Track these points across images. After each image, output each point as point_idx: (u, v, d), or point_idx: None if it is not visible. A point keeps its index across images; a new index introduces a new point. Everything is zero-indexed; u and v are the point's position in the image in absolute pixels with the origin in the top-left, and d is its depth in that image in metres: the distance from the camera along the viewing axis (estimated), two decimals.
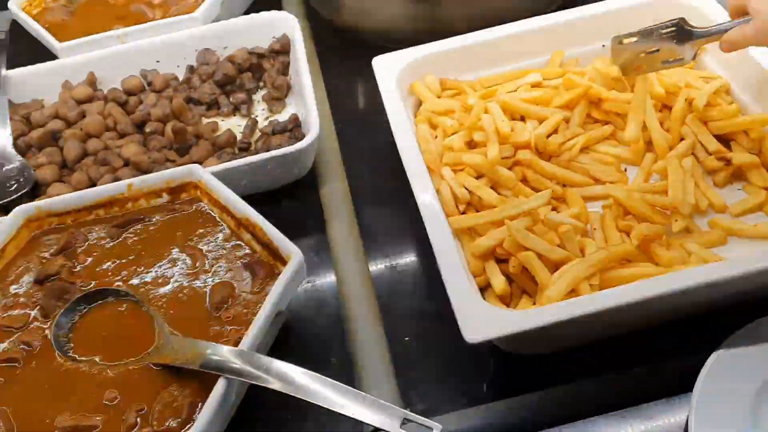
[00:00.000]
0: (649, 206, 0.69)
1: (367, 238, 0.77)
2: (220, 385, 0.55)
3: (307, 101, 0.83)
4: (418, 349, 0.68)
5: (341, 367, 0.67)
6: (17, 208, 0.72)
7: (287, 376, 0.54)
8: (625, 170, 0.76)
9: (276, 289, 0.62)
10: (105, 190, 0.74)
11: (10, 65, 0.97)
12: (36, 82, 0.96)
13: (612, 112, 0.79)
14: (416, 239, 0.76)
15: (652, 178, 0.74)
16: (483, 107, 0.77)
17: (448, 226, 0.67)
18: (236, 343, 0.59)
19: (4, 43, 1.00)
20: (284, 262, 0.65)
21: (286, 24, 0.96)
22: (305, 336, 0.71)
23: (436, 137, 0.77)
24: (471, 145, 0.76)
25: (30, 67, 0.97)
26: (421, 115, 0.81)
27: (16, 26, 1.08)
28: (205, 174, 0.73)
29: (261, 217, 0.68)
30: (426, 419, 0.52)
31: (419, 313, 0.71)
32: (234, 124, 0.91)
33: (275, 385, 0.53)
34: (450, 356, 0.66)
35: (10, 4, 1.06)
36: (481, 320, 0.58)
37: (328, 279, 0.75)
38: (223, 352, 0.57)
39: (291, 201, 0.82)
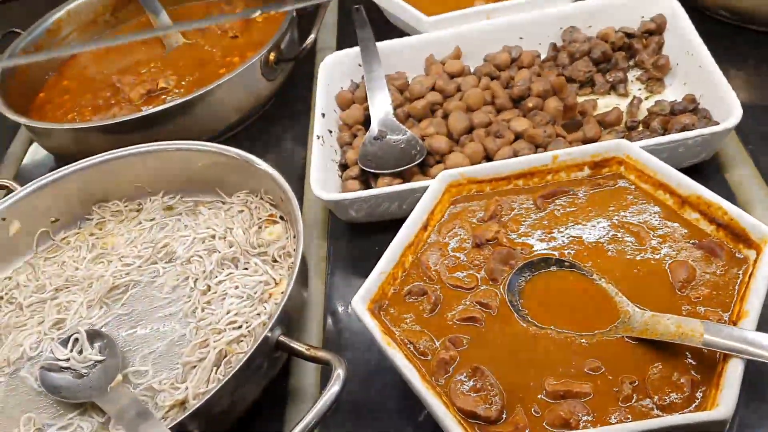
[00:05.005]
0: None
1: None
2: (738, 365, 0.53)
3: (716, 81, 0.79)
4: None
5: None
6: (442, 173, 0.74)
7: None
8: None
9: (763, 273, 0.59)
10: (528, 160, 0.74)
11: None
12: (398, 55, 0.99)
13: None
14: None
15: None
16: None
17: None
18: None
19: (363, 16, 1.04)
20: (749, 245, 0.62)
21: (661, 4, 0.93)
22: None
23: None
24: None
25: (395, 41, 1.00)
26: None
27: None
28: (637, 149, 0.71)
29: (717, 195, 0.65)
30: None
31: None
32: (610, 104, 0.89)
33: None
34: None
35: None
36: None
37: None
38: (726, 330, 0.55)
39: None
